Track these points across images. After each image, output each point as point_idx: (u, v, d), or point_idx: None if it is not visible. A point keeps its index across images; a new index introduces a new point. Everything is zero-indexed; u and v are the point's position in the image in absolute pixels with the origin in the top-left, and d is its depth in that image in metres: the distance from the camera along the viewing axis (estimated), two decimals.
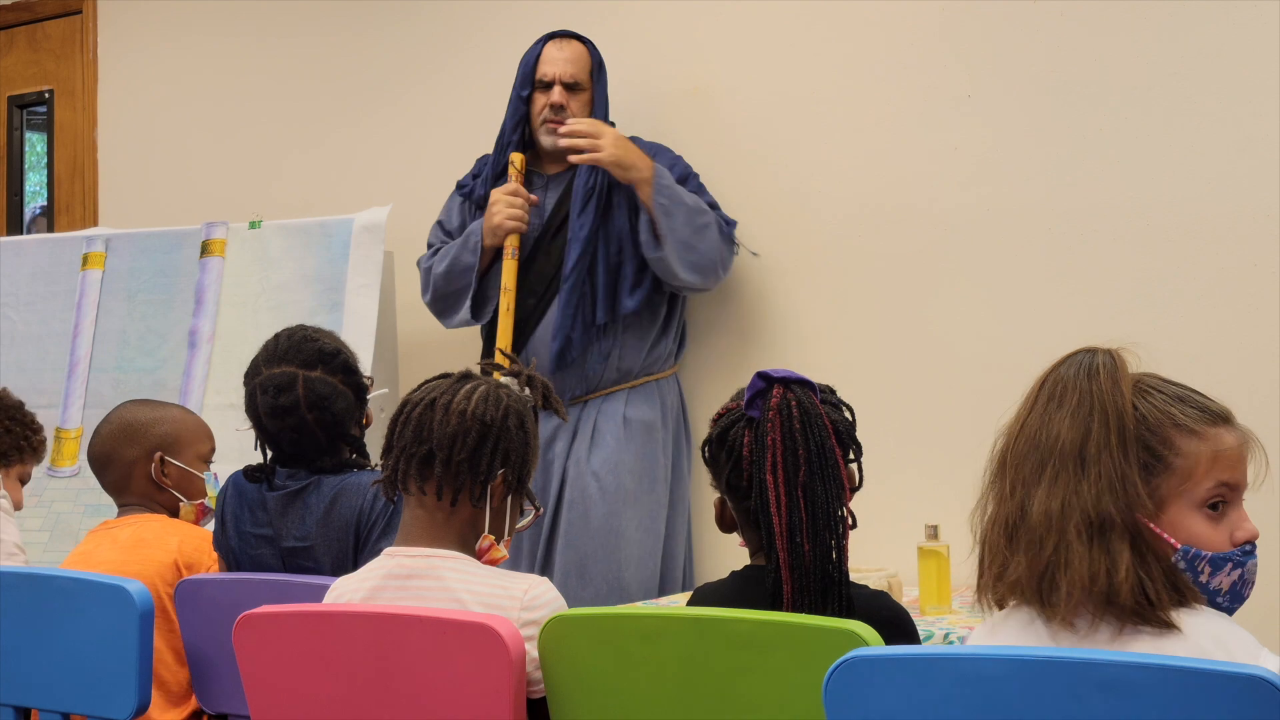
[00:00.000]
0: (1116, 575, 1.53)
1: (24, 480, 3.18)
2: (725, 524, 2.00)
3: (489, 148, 3.71)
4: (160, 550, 2.61)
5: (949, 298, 3.45)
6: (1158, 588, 1.52)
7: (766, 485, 1.86)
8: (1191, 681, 1.34)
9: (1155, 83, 3.23)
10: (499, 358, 3.07)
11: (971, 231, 3.42)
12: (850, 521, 1.90)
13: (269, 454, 2.54)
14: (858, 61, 3.59)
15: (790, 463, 1.85)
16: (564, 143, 3.45)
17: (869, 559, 3.04)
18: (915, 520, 3.04)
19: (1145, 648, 1.51)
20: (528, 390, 2.13)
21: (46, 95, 5.00)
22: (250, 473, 2.54)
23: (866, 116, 3.57)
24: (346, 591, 2.03)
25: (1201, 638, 1.50)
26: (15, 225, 5.06)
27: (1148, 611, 1.52)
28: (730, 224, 3.56)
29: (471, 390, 2.03)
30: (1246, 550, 1.58)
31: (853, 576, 1.96)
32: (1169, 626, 1.51)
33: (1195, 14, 3.20)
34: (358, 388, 2.56)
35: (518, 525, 2.10)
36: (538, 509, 2.11)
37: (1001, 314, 3.39)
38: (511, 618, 1.88)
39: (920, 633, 2.64)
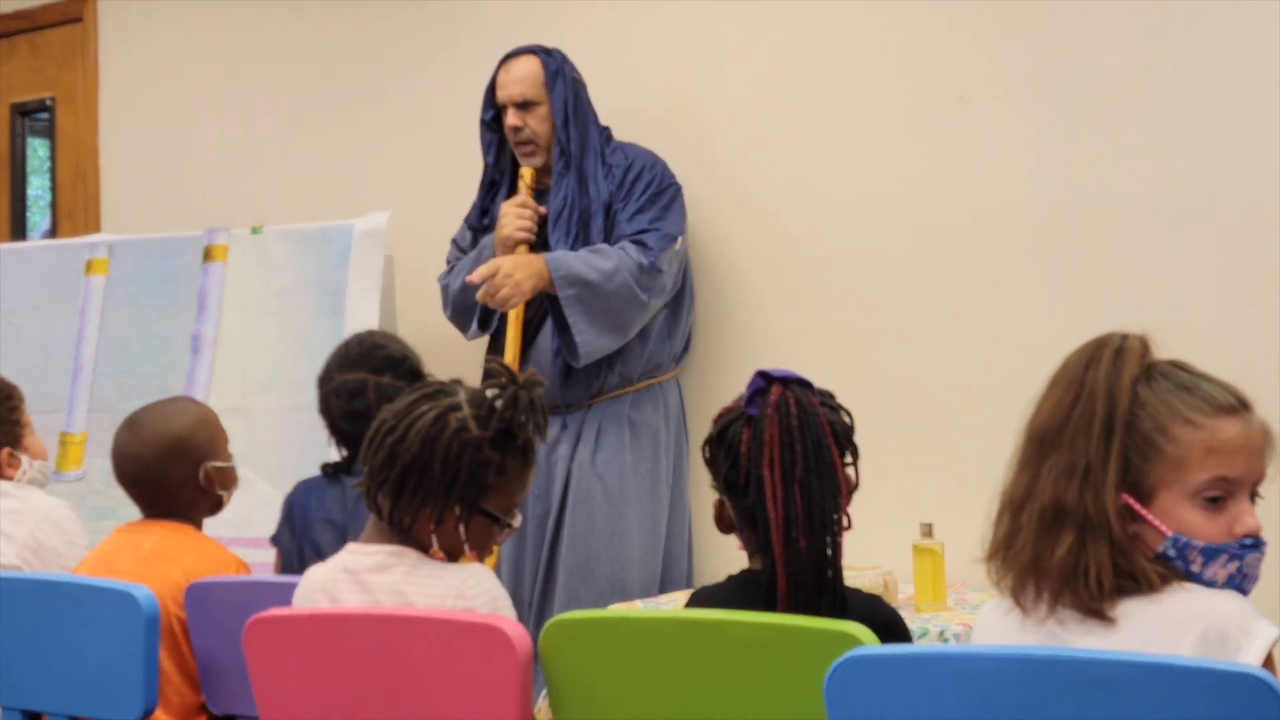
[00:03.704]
0: (1051, 557, 1.54)
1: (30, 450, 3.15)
2: (724, 525, 2.01)
3: None
4: (178, 569, 2.58)
5: (943, 299, 3.47)
6: (1101, 575, 1.51)
7: (764, 481, 1.87)
8: (1186, 680, 1.35)
9: (1147, 85, 3.24)
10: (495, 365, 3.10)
11: (965, 234, 3.44)
12: (846, 523, 1.93)
13: (343, 451, 2.71)
14: (850, 66, 3.60)
15: (787, 459, 1.87)
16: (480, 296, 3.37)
17: (863, 557, 3.06)
18: (910, 518, 3.07)
19: (1077, 639, 1.52)
20: (512, 406, 2.02)
21: (48, 102, 5.01)
22: (327, 469, 2.70)
23: (861, 121, 3.58)
24: (314, 580, 2.08)
25: (1158, 624, 1.48)
26: (19, 232, 5.09)
27: (1085, 597, 1.52)
28: (652, 253, 3.44)
29: (419, 417, 2.01)
30: (1245, 544, 1.55)
31: (847, 574, 1.98)
32: (1100, 617, 1.51)
33: (1188, 15, 3.21)
34: None
35: (494, 540, 2.08)
36: (511, 526, 2.08)
37: (994, 315, 3.41)
38: (448, 606, 1.94)
39: (916, 630, 2.68)
